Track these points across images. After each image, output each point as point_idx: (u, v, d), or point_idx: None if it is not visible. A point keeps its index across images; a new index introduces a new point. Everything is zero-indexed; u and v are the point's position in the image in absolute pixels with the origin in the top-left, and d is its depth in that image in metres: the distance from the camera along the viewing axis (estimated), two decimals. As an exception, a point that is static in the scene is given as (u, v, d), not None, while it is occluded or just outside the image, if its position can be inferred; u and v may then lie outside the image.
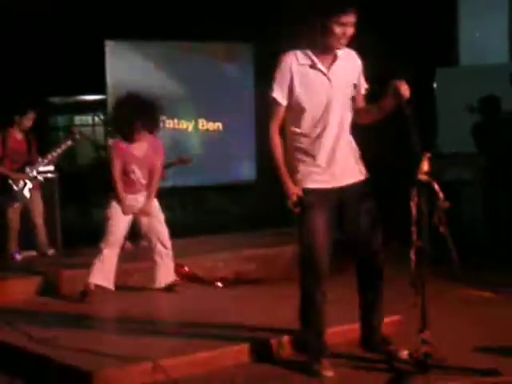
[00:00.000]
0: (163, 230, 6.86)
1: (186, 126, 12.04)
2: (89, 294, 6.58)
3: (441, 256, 4.45)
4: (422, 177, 4.37)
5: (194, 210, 11.75)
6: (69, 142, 8.33)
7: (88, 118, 17.24)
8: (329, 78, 4.48)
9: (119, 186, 6.67)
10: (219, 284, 7.21)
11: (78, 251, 8.07)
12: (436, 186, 4.37)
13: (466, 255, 4.66)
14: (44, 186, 8.34)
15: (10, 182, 8.02)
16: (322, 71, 4.48)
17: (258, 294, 6.74)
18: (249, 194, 12.49)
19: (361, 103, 4.68)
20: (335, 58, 4.52)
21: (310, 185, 4.52)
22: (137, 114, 6.62)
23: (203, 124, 12.19)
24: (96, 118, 16.61)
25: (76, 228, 9.51)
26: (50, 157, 8.22)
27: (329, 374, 4.53)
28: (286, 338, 5.06)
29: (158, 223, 6.85)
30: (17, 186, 8.03)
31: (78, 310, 6.27)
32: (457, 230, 4.55)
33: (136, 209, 6.75)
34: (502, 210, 8.92)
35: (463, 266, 4.68)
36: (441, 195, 4.37)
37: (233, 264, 7.76)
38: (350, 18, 4.37)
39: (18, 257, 8.08)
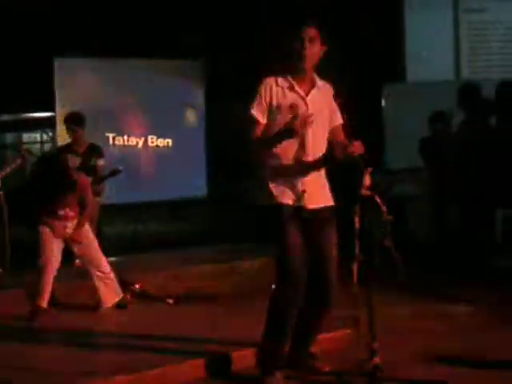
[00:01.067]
0: (98, 257, 6.86)
1: (136, 142, 11.99)
2: (36, 313, 6.53)
3: (387, 269, 4.51)
4: (365, 191, 4.44)
5: (145, 226, 11.69)
6: (18, 161, 8.23)
7: (36, 136, 17.12)
8: (306, 103, 4.55)
9: (41, 214, 6.74)
10: (170, 300, 7.19)
11: (24, 270, 7.96)
12: (379, 200, 4.43)
13: (413, 268, 4.73)
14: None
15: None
16: (300, 94, 4.55)
17: (209, 310, 6.74)
18: (199, 210, 12.49)
19: (336, 136, 4.71)
20: (313, 85, 4.61)
21: (285, 200, 4.55)
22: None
23: (153, 140, 12.14)
24: (44, 136, 16.51)
25: (25, 246, 9.37)
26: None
27: None
28: (240, 352, 5.06)
29: (91, 250, 6.87)
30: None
31: (24, 330, 6.21)
32: (404, 244, 4.62)
33: (67, 234, 6.76)
34: (455, 223, 9.05)
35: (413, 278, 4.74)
36: (384, 209, 4.44)
37: (184, 280, 7.74)
38: (310, 33, 4.49)
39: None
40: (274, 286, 4.62)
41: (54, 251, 6.69)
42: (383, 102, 11.18)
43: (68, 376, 4.69)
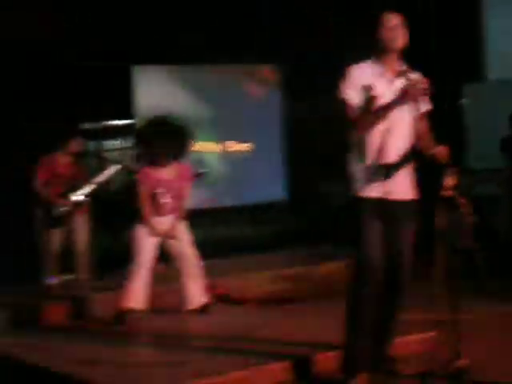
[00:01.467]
0: (191, 253, 6.90)
1: (214, 148, 12.10)
2: (122, 316, 6.64)
3: (469, 271, 4.44)
4: (448, 192, 4.38)
5: (225, 230, 11.76)
6: (114, 169, 8.38)
7: (117, 143, 17.39)
8: (395, 88, 4.53)
9: (145, 209, 6.74)
10: (251, 304, 7.23)
11: (111, 275, 8.13)
12: (462, 201, 4.37)
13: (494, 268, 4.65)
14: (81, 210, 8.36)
15: (54, 206, 8.04)
16: (388, 80, 4.56)
17: (290, 313, 6.76)
18: (278, 214, 12.49)
19: (420, 125, 4.68)
20: (401, 71, 4.60)
21: (368, 193, 4.53)
22: (164, 140, 6.72)
23: (231, 146, 12.24)
24: (124, 143, 16.75)
25: (109, 252, 9.57)
26: (94, 182, 8.25)
27: None
28: (322, 355, 5.06)
29: (185, 246, 6.90)
30: (60, 210, 8.06)
31: (113, 333, 6.34)
32: (490, 246, 4.55)
33: (163, 232, 6.81)
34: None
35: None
36: (466, 209, 4.38)
37: (265, 284, 7.78)
38: (395, 21, 4.54)
39: (55, 280, 8.11)
40: (349, 284, 4.60)
41: (148, 253, 6.75)
42: (464, 102, 11.03)
43: (151, 380, 4.76)
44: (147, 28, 11.16)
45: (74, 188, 8.14)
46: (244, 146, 12.31)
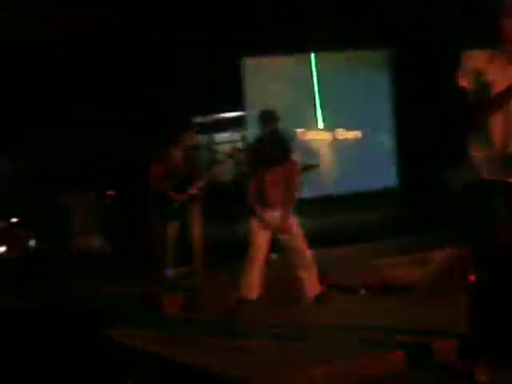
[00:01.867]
0: (302, 247, 6.93)
1: (325, 136, 12.09)
2: (238, 306, 6.75)
3: None
4: None
5: (336, 218, 11.74)
6: (227, 161, 8.49)
7: (227, 136, 17.60)
8: (508, 76, 4.43)
9: (254, 204, 6.84)
10: (363, 291, 7.21)
11: (226, 266, 8.25)
12: None
13: None
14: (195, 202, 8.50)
15: (169, 200, 8.22)
16: (503, 67, 4.46)
17: (407, 300, 6.70)
18: (390, 202, 12.38)
19: None
20: None
21: (494, 177, 4.44)
22: (271, 155, 6.80)
23: (342, 133, 12.20)
24: (235, 135, 16.93)
25: (221, 242, 9.71)
26: (208, 174, 8.40)
27: (481, 378, 4.46)
28: (441, 343, 5.01)
29: (296, 240, 6.94)
30: (175, 204, 8.23)
31: (230, 323, 6.44)
32: None
33: (274, 225, 6.89)
34: None
35: None
36: None
37: (378, 271, 7.73)
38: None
39: (172, 272, 8.30)
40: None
41: (262, 244, 6.84)
42: None
43: (269, 367, 4.83)
44: (260, 20, 11.23)
45: (188, 181, 8.29)
46: (355, 134, 12.25)
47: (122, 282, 8.13)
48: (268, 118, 8.11)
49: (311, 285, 6.94)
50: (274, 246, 7.23)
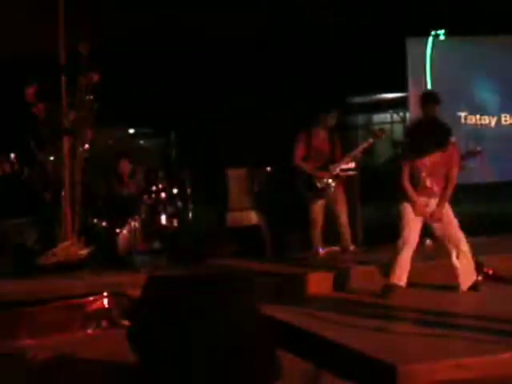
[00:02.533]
0: (458, 236, 6.75)
1: (489, 121, 11.71)
2: (389, 290, 6.66)
3: None
4: None
5: (494, 206, 11.36)
6: (370, 140, 8.44)
7: (386, 116, 17.43)
8: None
9: (408, 189, 6.68)
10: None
11: (378, 248, 8.18)
12: None
13: None
14: (345, 183, 8.51)
15: (314, 179, 8.26)
16: None
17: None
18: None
19: None
20: None
21: None
22: (429, 140, 6.61)
23: (506, 119, 11.78)
24: (395, 116, 16.75)
25: (375, 225, 9.62)
26: (352, 155, 8.37)
27: None
28: None
29: (451, 229, 6.77)
30: (320, 183, 8.26)
31: (376, 306, 6.39)
32: None
33: (427, 213, 6.72)
34: None
35: None
36: None
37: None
38: None
39: (322, 252, 8.33)
40: None
41: (414, 230, 6.72)
42: None
43: (419, 355, 4.75)
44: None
45: (332, 161, 8.28)
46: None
47: (273, 260, 8.21)
48: (429, 100, 7.94)
49: (465, 274, 6.77)
50: (427, 230, 7.10)
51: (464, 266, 6.76)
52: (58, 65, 8.18)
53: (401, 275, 6.67)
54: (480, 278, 6.91)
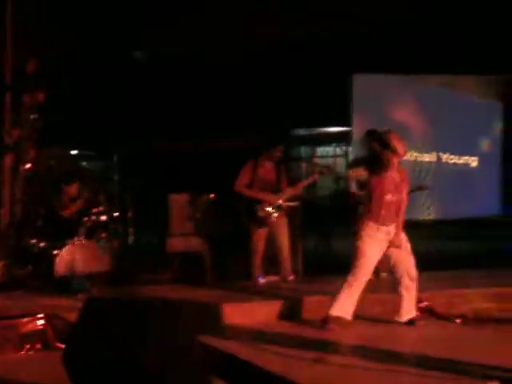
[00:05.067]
0: (411, 261, 6.86)
1: (428, 158, 11.94)
2: (330, 321, 6.67)
3: None
4: None
5: (434, 243, 11.55)
6: (316, 176, 8.52)
7: (330, 150, 17.61)
8: None
9: (379, 213, 6.72)
10: (457, 320, 7.06)
11: (319, 279, 8.22)
12: None
13: None
14: (288, 214, 8.57)
15: (256, 208, 8.29)
16: None
17: (500, 334, 6.54)
18: (492, 230, 12.12)
19: None
20: None
21: None
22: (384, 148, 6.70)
23: (446, 158, 12.03)
24: (338, 150, 16.92)
25: (316, 256, 9.69)
26: (295, 187, 8.44)
27: None
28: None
29: (406, 254, 6.86)
30: (262, 212, 8.30)
31: (317, 337, 6.40)
32: None
33: (387, 240, 6.78)
34: None
35: None
36: None
37: (472, 301, 7.56)
38: None
39: (262, 280, 8.35)
40: None
41: (371, 266, 6.75)
42: None
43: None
44: (366, 37, 11.22)
45: (276, 192, 8.35)
46: (462, 158, 12.07)
47: (213, 287, 8.19)
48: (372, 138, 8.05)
49: (408, 306, 6.86)
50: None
51: (409, 297, 6.85)
52: (4, 83, 8.10)
53: (348, 309, 6.69)
54: (417, 313, 7.00)
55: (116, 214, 8.82)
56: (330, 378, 5.01)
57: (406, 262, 6.83)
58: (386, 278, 7.71)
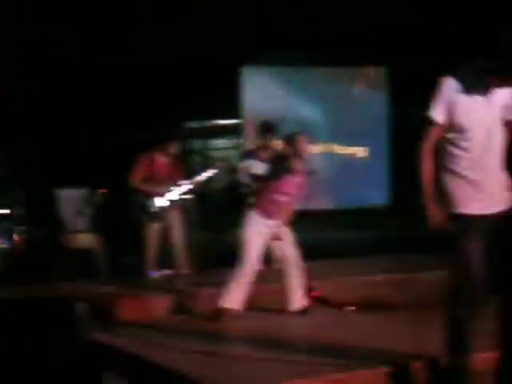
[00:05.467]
0: (295, 253, 6.99)
1: (318, 149, 12.13)
2: (221, 313, 6.75)
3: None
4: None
5: (324, 233, 11.77)
6: (213, 170, 8.55)
7: (222, 142, 17.64)
8: (489, 102, 4.45)
9: (255, 210, 6.83)
10: (350, 308, 7.24)
11: (213, 272, 8.26)
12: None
13: None
14: (182, 209, 8.59)
15: (149, 203, 8.29)
16: (482, 94, 4.44)
17: (390, 320, 6.72)
18: (380, 219, 12.42)
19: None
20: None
21: (464, 209, 4.47)
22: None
23: (335, 148, 12.25)
24: (230, 142, 16.96)
25: (211, 249, 9.73)
26: (190, 182, 8.45)
27: None
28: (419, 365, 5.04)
29: (290, 246, 6.99)
30: (155, 207, 8.29)
31: (210, 329, 6.46)
32: None
33: (270, 232, 6.89)
34: None
35: None
36: None
37: (363, 289, 7.75)
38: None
39: (155, 274, 8.34)
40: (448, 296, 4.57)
41: (256, 256, 6.82)
42: None
43: (247, 378, 4.86)
44: (256, 29, 11.28)
45: (171, 186, 8.36)
46: (350, 149, 12.30)
47: (107, 283, 8.12)
48: (267, 129, 8.14)
49: (297, 295, 6.97)
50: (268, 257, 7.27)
51: (297, 286, 6.97)
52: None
53: (238, 300, 6.76)
54: (309, 301, 7.13)
55: (6, 211, 8.63)
56: (221, 370, 5.05)
57: (291, 252, 6.96)
58: (276, 268, 7.80)
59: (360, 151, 12.41)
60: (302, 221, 7.06)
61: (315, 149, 12.14)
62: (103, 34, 10.78)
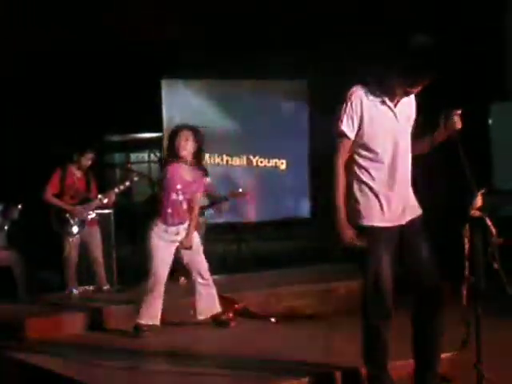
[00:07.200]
0: (202, 262, 6.88)
1: (239, 162, 12.13)
2: (141, 330, 6.63)
3: (494, 292, 4.39)
4: (475, 213, 4.33)
5: (247, 245, 11.76)
6: (127, 183, 8.45)
7: (144, 156, 17.51)
8: (395, 114, 4.46)
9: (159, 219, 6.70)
10: (272, 319, 7.21)
11: (133, 287, 8.14)
12: (489, 222, 4.32)
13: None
14: (101, 223, 8.48)
15: (67, 217, 8.16)
16: (389, 107, 4.44)
17: (312, 330, 6.70)
18: (303, 231, 12.48)
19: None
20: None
21: (374, 222, 4.45)
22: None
23: (256, 161, 12.27)
24: (152, 155, 16.85)
25: (129, 264, 9.61)
26: (106, 195, 8.34)
27: None
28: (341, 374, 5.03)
29: (197, 255, 6.87)
30: (73, 220, 8.17)
31: (129, 345, 6.34)
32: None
33: (177, 240, 6.75)
34: None
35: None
36: (493, 231, 4.32)
37: (286, 299, 7.76)
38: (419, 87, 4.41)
39: (76, 291, 8.19)
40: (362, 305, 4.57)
41: (165, 267, 6.67)
42: (490, 121, 10.93)
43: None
44: (177, 43, 11.23)
45: (87, 200, 8.26)
46: (271, 161, 12.33)
47: (25, 301, 7.93)
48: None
49: (207, 303, 6.87)
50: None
51: (206, 294, 6.85)
52: None
53: (154, 314, 6.64)
54: (230, 313, 7.07)
55: None
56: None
57: (198, 262, 6.85)
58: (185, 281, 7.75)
59: (282, 163, 12.44)
60: (226, 233, 7.03)
61: (236, 162, 12.14)
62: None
